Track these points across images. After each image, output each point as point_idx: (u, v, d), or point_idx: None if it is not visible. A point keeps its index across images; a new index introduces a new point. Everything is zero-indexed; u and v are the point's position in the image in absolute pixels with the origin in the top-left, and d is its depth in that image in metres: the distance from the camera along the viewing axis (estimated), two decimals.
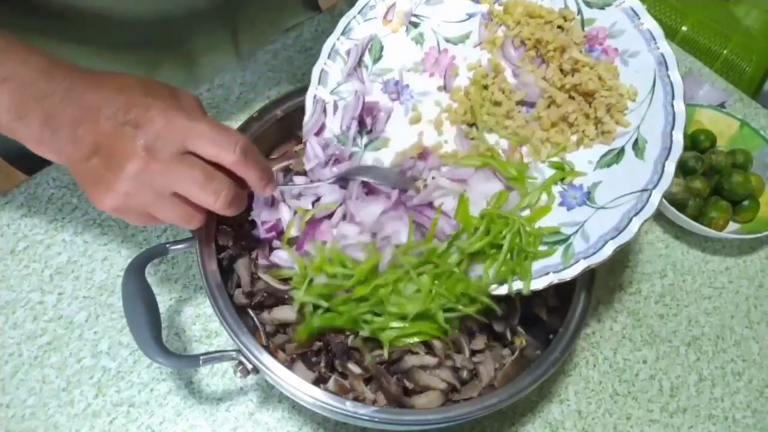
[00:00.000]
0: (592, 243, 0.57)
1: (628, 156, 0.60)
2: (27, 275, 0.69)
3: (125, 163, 0.46)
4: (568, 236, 0.58)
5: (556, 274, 0.57)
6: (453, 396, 0.59)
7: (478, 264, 0.59)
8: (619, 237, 0.55)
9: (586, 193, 0.60)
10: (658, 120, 0.59)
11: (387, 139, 0.67)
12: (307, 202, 0.64)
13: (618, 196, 0.58)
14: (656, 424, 0.70)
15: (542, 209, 0.61)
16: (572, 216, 0.60)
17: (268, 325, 0.61)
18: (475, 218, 0.59)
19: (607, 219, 0.57)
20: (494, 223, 0.59)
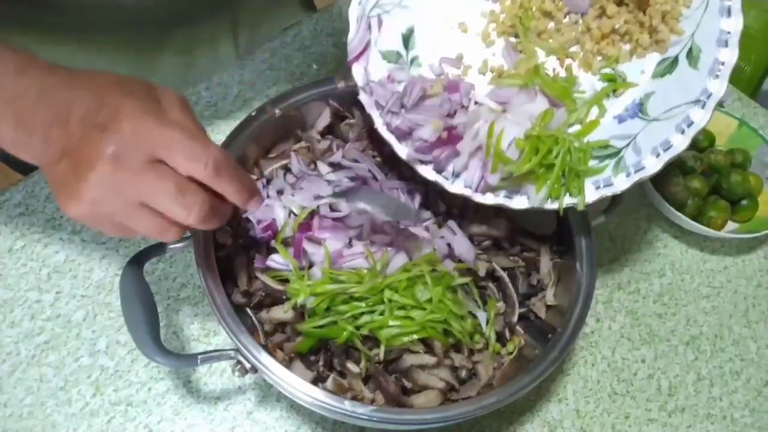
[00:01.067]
0: (644, 155, 0.57)
1: (682, 65, 0.58)
2: (24, 274, 0.69)
3: (91, 170, 0.43)
4: (619, 149, 0.58)
5: (608, 187, 0.57)
6: (451, 395, 0.59)
7: (530, 184, 0.59)
8: (671, 149, 0.55)
9: (638, 105, 0.59)
10: (713, 27, 0.56)
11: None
12: (303, 200, 0.64)
13: (671, 107, 0.57)
14: (654, 424, 0.70)
15: (592, 123, 0.60)
16: (624, 129, 0.59)
17: (266, 324, 0.61)
18: (520, 140, 0.58)
19: (659, 131, 0.57)
20: (542, 142, 0.58)
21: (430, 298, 0.58)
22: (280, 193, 0.66)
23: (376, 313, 0.58)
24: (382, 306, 0.58)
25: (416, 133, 0.60)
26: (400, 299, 0.58)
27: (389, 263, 0.60)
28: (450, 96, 0.61)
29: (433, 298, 0.58)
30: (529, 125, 0.59)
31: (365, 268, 0.60)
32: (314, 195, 0.65)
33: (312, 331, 0.58)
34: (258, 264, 0.62)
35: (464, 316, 0.60)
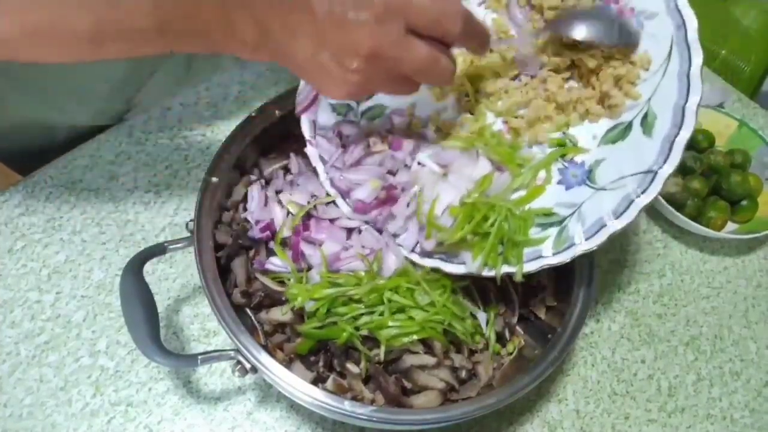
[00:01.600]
0: (587, 226, 0.54)
1: (636, 132, 0.55)
2: (25, 274, 0.69)
3: (355, 53, 0.45)
4: (563, 218, 0.56)
5: (546, 258, 0.55)
6: (451, 395, 0.59)
7: (466, 251, 0.57)
8: (617, 221, 0.52)
9: (587, 172, 0.57)
10: (671, 92, 0.53)
11: (384, 106, 0.64)
12: (300, 199, 0.64)
13: (620, 176, 0.54)
14: (654, 424, 0.70)
15: (536, 189, 0.58)
16: (570, 196, 0.57)
17: (266, 325, 0.61)
18: (455, 207, 0.57)
19: (606, 201, 0.54)
20: (477, 210, 0.56)
21: (431, 302, 0.58)
22: (279, 193, 0.66)
23: (376, 313, 0.58)
24: (381, 307, 0.58)
25: (354, 194, 0.61)
26: (400, 300, 0.58)
27: (382, 264, 0.60)
28: (394, 153, 0.62)
29: (437, 302, 0.58)
30: (468, 189, 0.58)
31: (363, 271, 0.60)
32: (311, 193, 0.65)
33: (312, 332, 0.58)
34: (257, 266, 0.62)
35: (465, 318, 0.60)
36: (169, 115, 0.82)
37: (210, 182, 0.63)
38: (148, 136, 0.80)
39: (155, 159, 0.78)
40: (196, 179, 0.78)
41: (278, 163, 0.70)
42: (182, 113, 0.82)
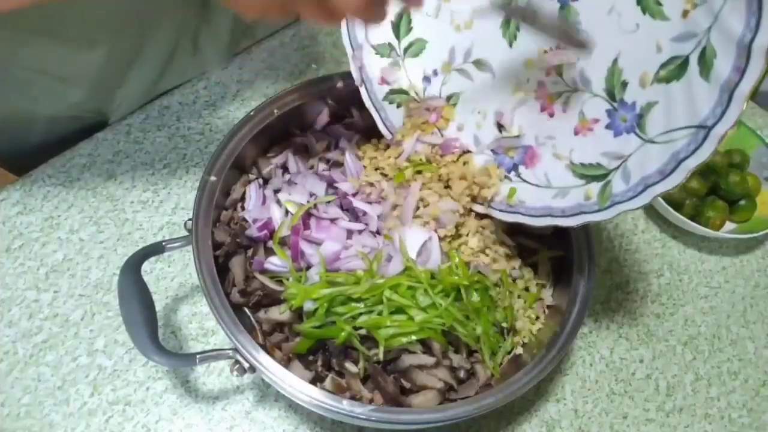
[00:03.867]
0: (631, 185, 0.50)
1: (692, 71, 0.47)
2: (22, 273, 0.69)
3: None
4: (608, 172, 0.53)
5: (589, 215, 0.53)
6: (450, 395, 0.59)
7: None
8: (662, 183, 0.48)
9: (637, 116, 0.51)
10: (735, 22, 0.42)
11: (423, 40, 0.66)
12: (299, 198, 0.64)
13: (671, 128, 0.48)
14: (652, 423, 0.70)
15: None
16: (617, 145, 0.53)
17: (264, 324, 0.61)
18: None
19: (653, 157, 0.49)
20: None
21: (432, 303, 0.58)
22: (278, 192, 0.66)
23: (374, 313, 0.58)
24: (380, 306, 0.58)
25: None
26: (400, 299, 0.58)
27: (385, 265, 0.60)
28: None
29: (438, 305, 0.58)
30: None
31: (362, 270, 0.60)
32: (309, 192, 0.65)
33: (310, 331, 0.58)
34: (256, 265, 0.62)
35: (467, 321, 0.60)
36: (168, 114, 0.82)
37: (208, 181, 0.63)
38: (146, 135, 0.80)
39: (153, 158, 0.78)
40: (194, 178, 0.77)
41: (277, 162, 0.70)
42: (180, 112, 0.82)
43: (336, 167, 0.69)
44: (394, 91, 0.68)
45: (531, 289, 0.66)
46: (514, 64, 0.61)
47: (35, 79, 0.70)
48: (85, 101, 0.76)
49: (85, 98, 0.75)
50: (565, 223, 0.56)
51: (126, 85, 0.78)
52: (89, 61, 0.71)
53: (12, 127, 0.76)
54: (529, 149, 0.61)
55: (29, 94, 0.72)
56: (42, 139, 0.79)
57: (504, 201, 0.62)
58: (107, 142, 0.79)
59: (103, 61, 0.72)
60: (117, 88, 0.77)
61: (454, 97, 0.66)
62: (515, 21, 0.59)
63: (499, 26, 0.61)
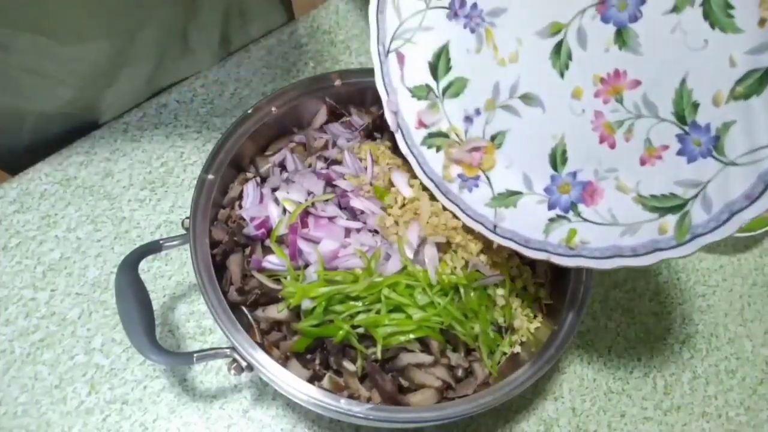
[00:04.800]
0: (714, 214, 0.46)
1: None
2: (19, 272, 0.69)
3: None
4: (685, 201, 0.48)
5: (666, 251, 0.49)
6: (448, 393, 0.59)
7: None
8: (750, 208, 0.44)
9: (713, 138, 0.47)
10: None
11: (465, 78, 0.62)
12: (297, 196, 0.64)
13: (755, 147, 0.44)
14: (650, 422, 0.70)
15: None
16: (693, 172, 0.48)
17: (262, 323, 0.61)
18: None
19: (737, 181, 0.45)
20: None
21: (431, 302, 0.58)
22: (275, 191, 0.66)
23: (373, 311, 0.58)
24: (378, 305, 0.58)
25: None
26: (398, 298, 0.58)
27: (383, 264, 0.60)
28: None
29: (437, 304, 0.58)
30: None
31: (361, 268, 0.60)
32: (307, 190, 0.65)
33: (308, 330, 0.58)
34: (253, 264, 0.62)
35: (466, 320, 0.60)
36: (165, 112, 0.82)
37: (206, 180, 0.63)
38: (143, 133, 0.80)
39: (151, 156, 0.78)
40: (191, 176, 0.77)
41: (274, 160, 0.70)
42: (178, 110, 0.82)
43: (334, 165, 0.69)
44: (433, 135, 0.64)
45: (529, 288, 0.66)
46: (565, 96, 0.56)
47: (24, 78, 0.70)
48: (76, 99, 0.75)
49: (75, 96, 0.75)
50: (638, 263, 0.51)
51: (117, 84, 0.77)
52: (78, 59, 0.71)
53: (1, 125, 0.76)
54: (589, 185, 0.56)
55: (18, 91, 0.72)
56: (33, 138, 0.78)
57: (562, 244, 0.56)
58: (104, 140, 0.78)
59: (91, 59, 0.71)
60: (108, 86, 0.77)
61: (499, 136, 0.61)
62: (566, 46, 0.55)
63: (548, 57, 0.56)
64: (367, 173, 0.67)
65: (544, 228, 0.58)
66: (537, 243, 0.58)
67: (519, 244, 0.59)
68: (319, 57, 0.90)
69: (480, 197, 0.62)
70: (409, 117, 0.64)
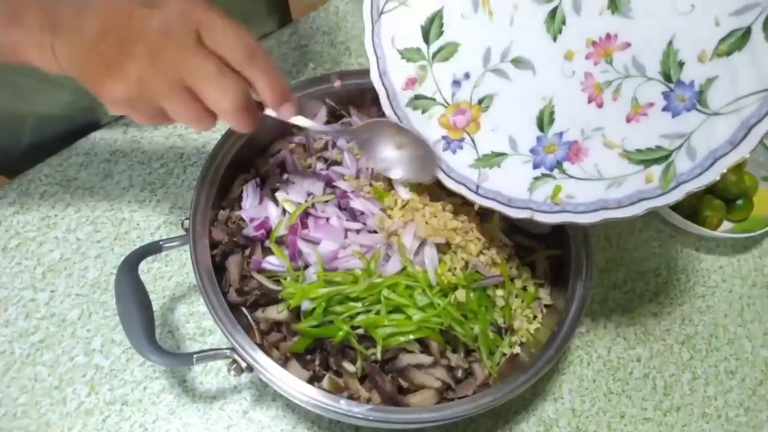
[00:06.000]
0: (698, 161, 0.48)
1: (755, 39, 0.47)
2: (19, 273, 0.69)
3: (138, 43, 0.44)
4: (669, 153, 0.51)
5: (652, 200, 0.51)
6: (448, 394, 0.59)
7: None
8: (733, 153, 0.46)
9: (697, 93, 0.50)
10: None
11: (457, 43, 0.63)
12: (296, 197, 0.64)
13: (737, 97, 0.48)
14: (650, 423, 0.70)
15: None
16: (677, 125, 0.51)
17: (262, 324, 0.61)
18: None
19: (720, 129, 0.48)
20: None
21: (431, 303, 0.58)
22: (275, 192, 0.66)
23: (372, 312, 0.58)
24: (378, 305, 0.58)
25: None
26: (397, 298, 0.58)
27: (383, 265, 0.61)
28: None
29: (437, 305, 0.58)
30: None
31: (360, 269, 0.60)
32: (307, 191, 0.65)
33: (308, 330, 0.58)
34: (253, 265, 0.62)
35: (465, 320, 0.60)
36: None
37: (205, 181, 0.63)
38: (143, 134, 0.80)
39: (150, 157, 0.78)
40: (191, 177, 0.77)
41: (274, 161, 0.70)
42: None
43: (334, 166, 0.69)
44: (419, 97, 0.65)
45: (529, 289, 0.66)
46: (557, 59, 0.58)
47: (23, 80, 0.70)
48: (76, 101, 0.75)
49: (75, 98, 0.75)
50: (624, 214, 0.52)
51: None
52: None
53: (1, 127, 0.76)
54: (574, 144, 0.58)
55: (17, 94, 0.71)
56: (33, 140, 0.78)
57: (547, 201, 0.58)
58: (104, 141, 0.78)
59: None
60: None
61: (486, 99, 0.63)
62: (561, 12, 0.57)
63: (542, 22, 0.58)
64: (367, 174, 0.67)
65: (528, 186, 0.59)
66: (521, 202, 0.59)
67: (502, 204, 0.60)
68: (318, 58, 0.90)
69: (464, 159, 0.62)
70: (397, 79, 0.65)
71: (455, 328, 0.59)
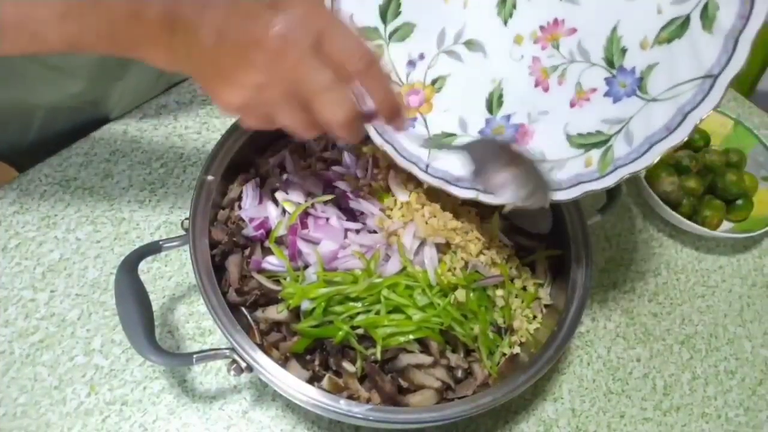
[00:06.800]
0: (635, 146, 0.50)
1: (694, 27, 0.49)
2: (19, 273, 0.69)
3: (258, 51, 0.42)
4: (608, 138, 0.53)
5: (588, 183, 0.52)
6: (447, 394, 0.59)
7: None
8: (668, 139, 0.48)
9: (637, 80, 0.53)
10: None
11: (413, 23, 0.63)
12: (296, 197, 0.64)
13: (674, 84, 0.49)
14: (650, 423, 0.70)
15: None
16: (617, 110, 0.53)
17: (261, 324, 0.61)
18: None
19: (657, 115, 0.50)
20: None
21: (430, 303, 0.58)
22: (275, 192, 0.66)
23: (372, 312, 0.58)
24: (378, 305, 0.58)
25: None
26: (397, 298, 0.58)
27: (383, 265, 0.60)
28: None
29: (437, 305, 0.58)
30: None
31: (360, 269, 0.60)
32: (306, 191, 0.65)
33: (308, 330, 0.58)
34: (253, 265, 0.62)
35: (465, 320, 0.60)
36: (164, 113, 0.82)
37: (205, 180, 0.63)
38: (143, 134, 0.80)
39: (150, 157, 0.78)
40: (191, 177, 0.77)
41: (274, 161, 0.70)
42: (177, 111, 0.82)
43: (334, 166, 0.69)
44: None
45: (528, 289, 0.66)
46: (506, 42, 0.60)
47: (32, 69, 0.70)
48: (85, 92, 0.75)
49: (84, 89, 0.74)
50: (563, 196, 0.54)
51: (127, 78, 0.77)
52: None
53: (9, 119, 0.76)
54: (521, 127, 0.60)
55: (27, 84, 0.71)
56: (40, 135, 0.78)
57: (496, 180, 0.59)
58: (104, 141, 0.78)
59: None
60: (117, 80, 0.77)
61: (440, 80, 0.64)
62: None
63: (494, 5, 0.60)
64: (367, 174, 0.67)
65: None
66: (467, 182, 0.60)
67: (449, 183, 0.61)
68: None
69: (415, 138, 0.63)
70: None
71: (455, 328, 0.59)
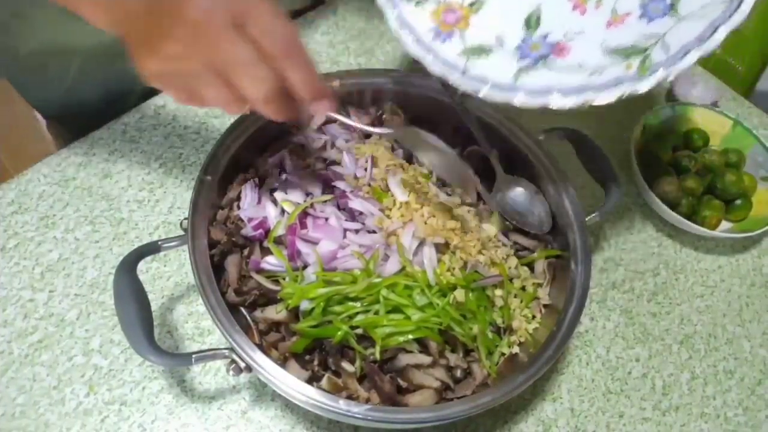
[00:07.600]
0: (671, 54, 0.54)
1: None
2: (17, 272, 0.69)
3: (179, 22, 0.44)
4: (645, 48, 0.55)
5: (629, 83, 0.54)
6: (447, 394, 0.59)
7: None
8: (704, 46, 0.52)
9: (669, 5, 0.56)
10: None
11: None
12: (295, 197, 0.64)
13: (704, 4, 0.54)
14: (649, 422, 0.70)
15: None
16: (652, 28, 0.56)
17: (260, 324, 0.61)
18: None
19: (690, 29, 0.54)
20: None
21: (429, 303, 0.58)
22: (274, 192, 0.66)
23: (371, 312, 0.58)
24: (377, 306, 0.58)
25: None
26: (396, 298, 0.58)
27: (382, 264, 0.60)
28: None
29: (436, 305, 0.58)
30: None
31: (359, 269, 0.60)
32: (305, 191, 0.65)
33: (307, 330, 0.58)
34: (252, 265, 0.62)
35: (464, 320, 0.60)
36: (163, 113, 0.82)
37: (204, 180, 0.63)
38: (142, 134, 0.80)
39: (149, 157, 0.78)
40: (190, 177, 0.77)
41: (273, 161, 0.70)
42: (176, 111, 0.82)
43: (333, 166, 0.69)
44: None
45: (527, 289, 0.66)
46: None
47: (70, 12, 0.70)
48: (117, 42, 0.75)
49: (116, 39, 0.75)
50: (605, 96, 0.55)
51: None
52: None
53: (49, 61, 0.75)
54: (557, 44, 0.61)
55: (63, 24, 0.71)
56: (75, 83, 0.78)
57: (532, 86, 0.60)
58: (103, 141, 0.78)
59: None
60: None
61: (477, 3, 0.66)
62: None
63: None
64: (366, 174, 0.67)
65: (514, 74, 0.61)
66: (506, 86, 0.61)
67: (486, 87, 0.61)
68: (317, 58, 0.90)
69: (452, 48, 0.64)
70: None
71: (454, 328, 0.59)
